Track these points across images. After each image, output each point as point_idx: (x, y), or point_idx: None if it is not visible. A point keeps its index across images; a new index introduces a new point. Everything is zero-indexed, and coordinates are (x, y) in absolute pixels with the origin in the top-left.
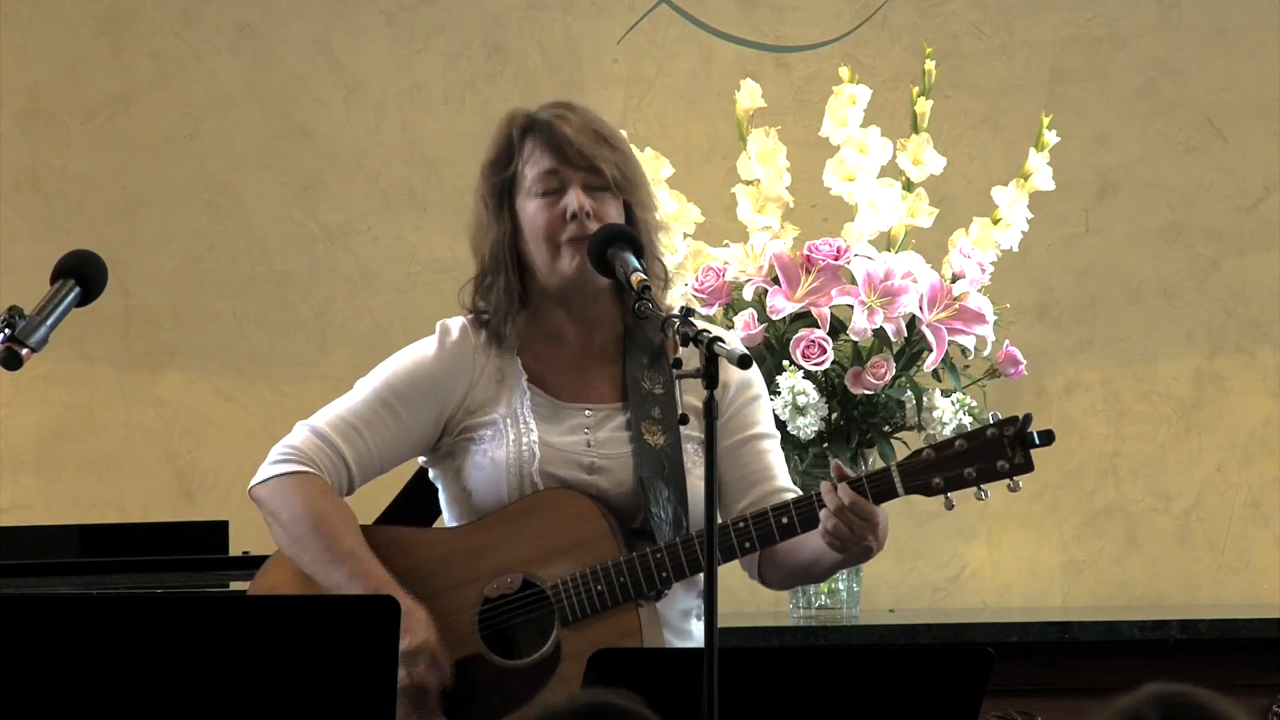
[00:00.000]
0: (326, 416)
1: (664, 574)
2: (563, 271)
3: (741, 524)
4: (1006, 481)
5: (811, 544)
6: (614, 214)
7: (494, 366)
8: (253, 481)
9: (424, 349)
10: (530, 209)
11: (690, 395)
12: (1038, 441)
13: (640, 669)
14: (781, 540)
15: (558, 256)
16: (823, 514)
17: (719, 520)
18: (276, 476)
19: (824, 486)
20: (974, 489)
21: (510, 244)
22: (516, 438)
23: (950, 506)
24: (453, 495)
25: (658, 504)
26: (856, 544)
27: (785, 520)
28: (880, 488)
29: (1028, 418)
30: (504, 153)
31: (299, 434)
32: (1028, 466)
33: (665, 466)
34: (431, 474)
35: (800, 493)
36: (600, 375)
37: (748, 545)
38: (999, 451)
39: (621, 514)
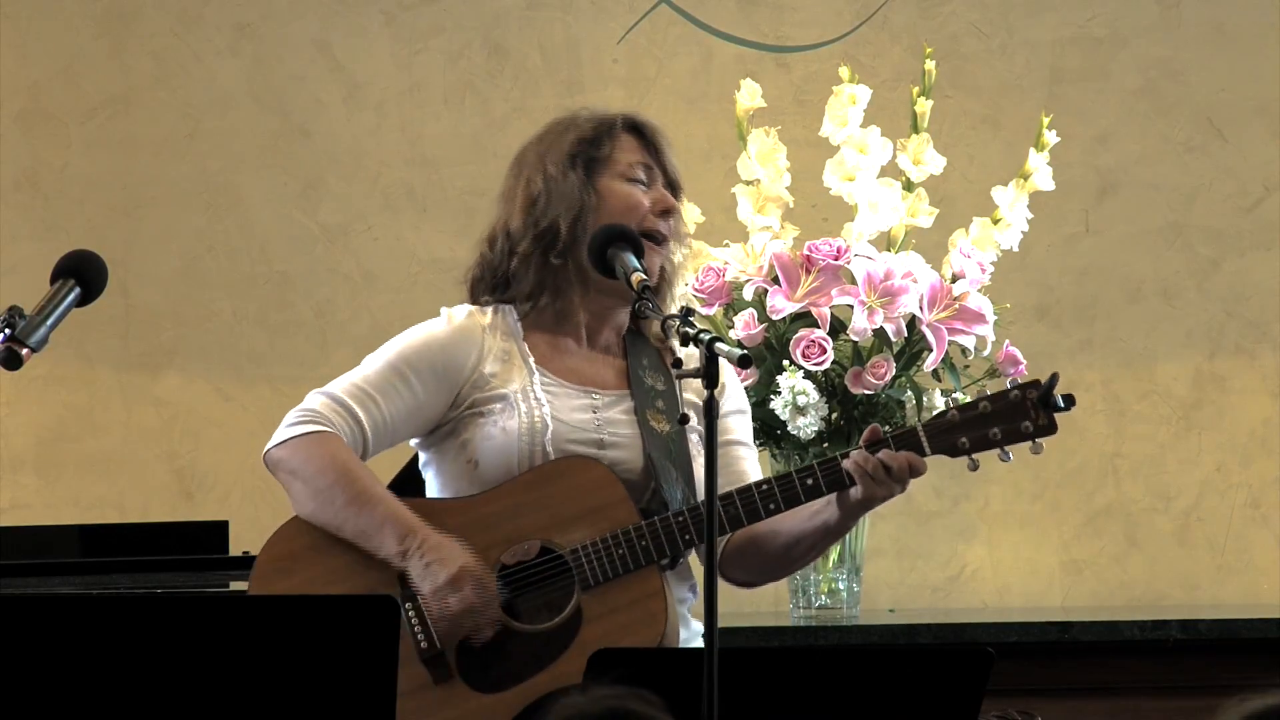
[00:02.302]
0: (341, 384)
1: (687, 536)
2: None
3: (765, 486)
4: (1029, 443)
5: (789, 524)
6: (674, 227)
7: (500, 347)
8: (268, 445)
9: (433, 326)
10: (623, 191)
11: (690, 394)
12: (1062, 405)
13: (640, 669)
14: (806, 501)
15: None
16: (859, 476)
17: (741, 485)
18: (295, 437)
19: (855, 453)
20: (998, 450)
21: (586, 219)
22: (529, 410)
23: (974, 468)
24: (454, 472)
25: (668, 482)
26: (885, 497)
27: (810, 481)
28: (907, 447)
29: (1053, 379)
30: (601, 135)
31: (314, 399)
32: (1051, 428)
33: (672, 450)
34: (423, 459)
35: None
36: (602, 366)
37: (773, 506)
38: (1023, 413)
39: (631, 491)
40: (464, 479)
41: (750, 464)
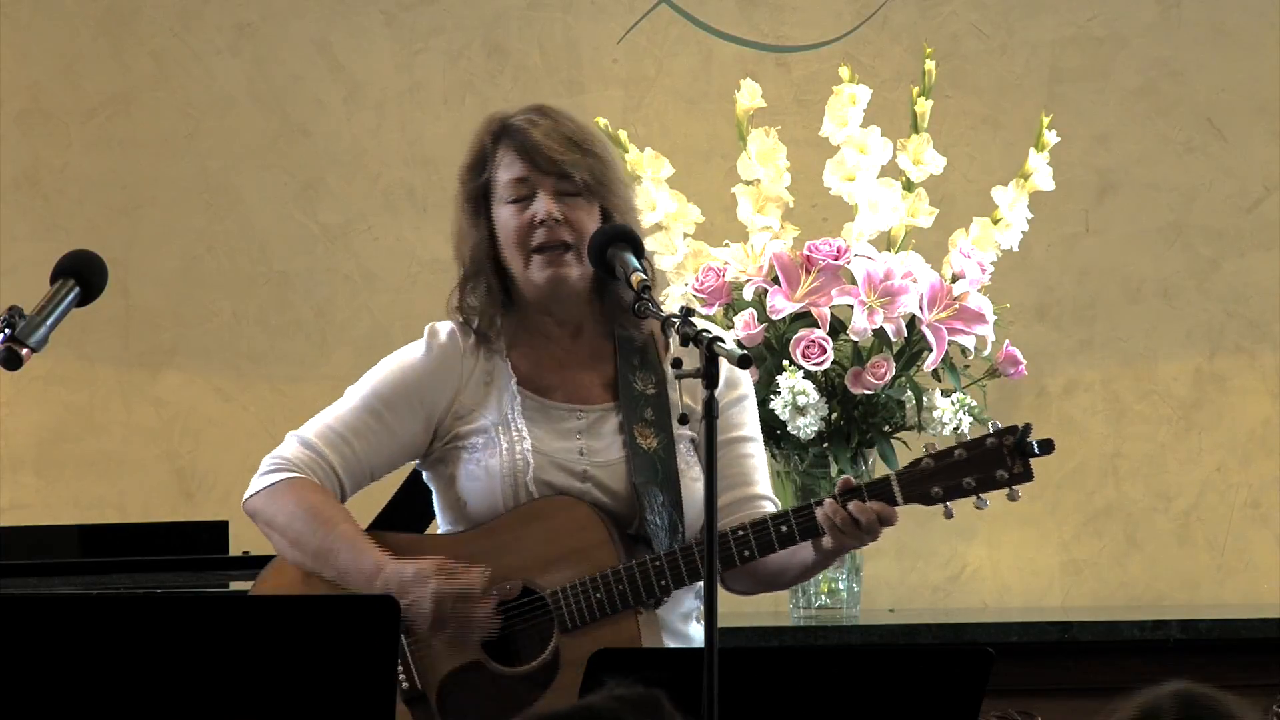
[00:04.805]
0: (315, 427)
1: (663, 582)
2: (534, 280)
3: (740, 532)
4: (1005, 491)
5: (773, 557)
6: (586, 219)
7: (482, 369)
8: (245, 495)
9: (411, 354)
10: (502, 216)
11: (687, 396)
12: (1037, 451)
13: (640, 669)
14: (780, 549)
15: (529, 264)
16: (827, 526)
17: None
18: (267, 486)
19: (828, 503)
20: (973, 498)
21: (489, 249)
22: (510, 446)
23: (949, 516)
24: (447, 502)
25: (653, 510)
26: (856, 547)
27: (785, 529)
28: (879, 496)
29: (1027, 427)
30: (479, 158)
31: (288, 445)
32: (1027, 476)
33: (659, 471)
34: (425, 476)
35: (775, 501)
36: (590, 375)
37: (746, 554)
38: (998, 461)
39: (617, 520)
40: (457, 510)
41: (756, 460)
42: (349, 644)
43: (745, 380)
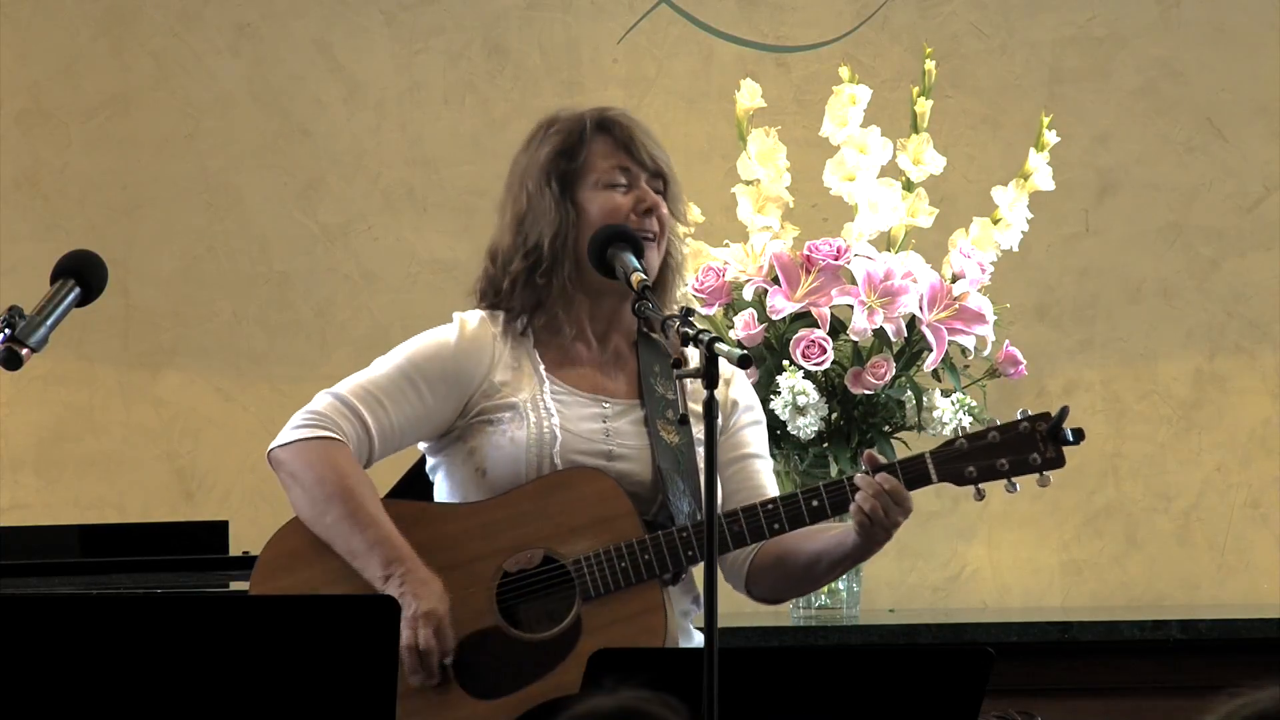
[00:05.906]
0: (350, 386)
1: (690, 552)
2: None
3: (770, 506)
4: (1036, 475)
5: (813, 543)
6: (667, 215)
7: (510, 355)
8: (273, 444)
9: (445, 333)
10: (600, 199)
11: (692, 399)
12: (1071, 439)
13: (640, 669)
14: (811, 523)
15: None
16: (859, 496)
17: (746, 504)
18: (300, 440)
19: (859, 476)
20: (1004, 481)
21: (573, 234)
22: (538, 420)
23: (980, 497)
24: (462, 478)
25: (676, 494)
26: (886, 530)
27: (816, 503)
28: (914, 474)
29: (1063, 412)
30: (574, 144)
31: (322, 400)
32: (1059, 461)
33: (681, 462)
34: (431, 463)
35: None
36: (615, 373)
37: (777, 526)
38: (1032, 445)
39: (638, 503)
40: (472, 485)
41: (766, 476)
42: (349, 644)
43: (758, 405)
